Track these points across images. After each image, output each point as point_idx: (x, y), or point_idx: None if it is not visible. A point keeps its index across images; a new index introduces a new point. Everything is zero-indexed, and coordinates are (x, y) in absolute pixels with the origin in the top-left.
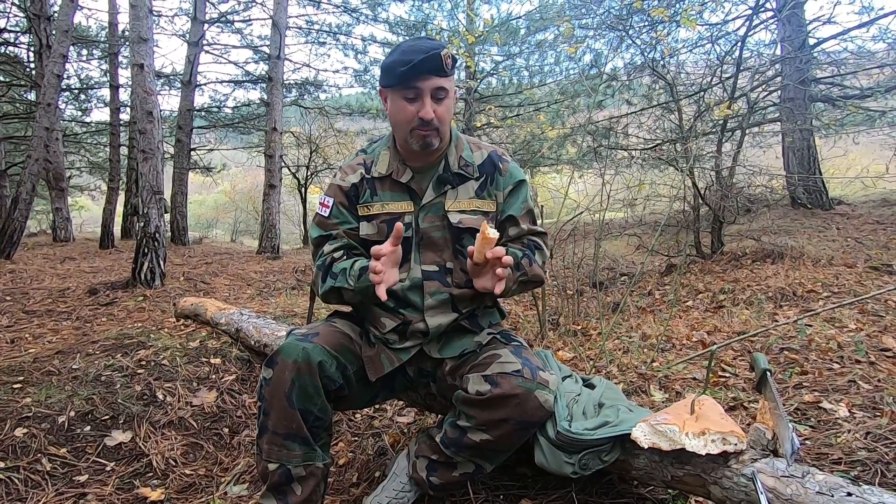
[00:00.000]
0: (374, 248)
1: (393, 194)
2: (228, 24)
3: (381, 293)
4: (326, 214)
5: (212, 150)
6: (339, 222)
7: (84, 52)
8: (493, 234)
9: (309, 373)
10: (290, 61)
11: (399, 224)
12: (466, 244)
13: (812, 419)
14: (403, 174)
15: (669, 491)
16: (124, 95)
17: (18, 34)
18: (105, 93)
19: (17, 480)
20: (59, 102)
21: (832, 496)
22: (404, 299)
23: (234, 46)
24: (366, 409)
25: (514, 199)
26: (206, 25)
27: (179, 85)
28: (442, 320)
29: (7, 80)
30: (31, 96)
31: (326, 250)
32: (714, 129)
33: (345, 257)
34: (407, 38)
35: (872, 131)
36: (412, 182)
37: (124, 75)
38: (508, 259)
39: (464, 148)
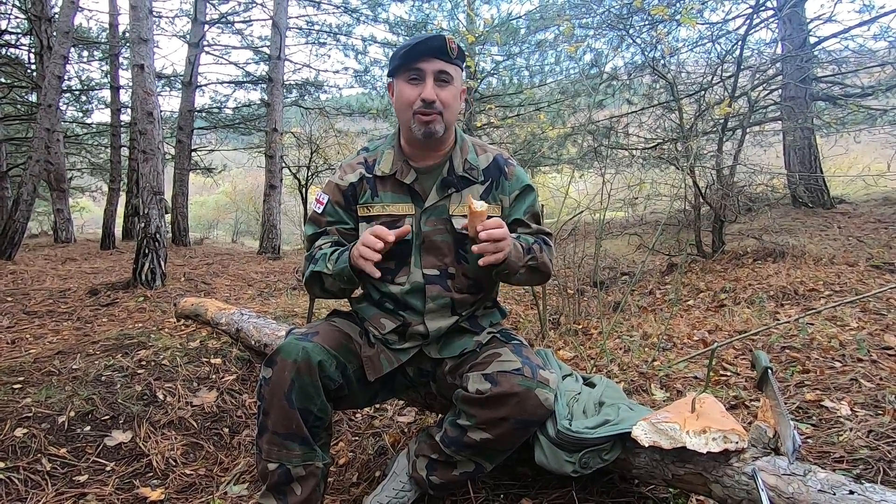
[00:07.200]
0: (381, 232)
1: (394, 195)
2: (229, 25)
3: (373, 270)
4: (320, 211)
5: (212, 150)
6: (333, 221)
7: (85, 53)
8: (480, 206)
9: (308, 372)
10: (291, 62)
11: (407, 227)
12: (469, 250)
13: (814, 417)
14: (407, 175)
15: (670, 490)
16: (125, 96)
17: (19, 36)
18: (106, 94)
19: (17, 480)
20: (60, 104)
21: (834, 494)
22: (404, 302)
23: (235, 47)
24: (366, 409)
25: (521, 203)
26: (206, 26)
27: (180, 86)
28: (442, 323)
29: (8, 81)
30: (33, 98)
31: (317, 244)
32: (715, 129)
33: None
34: (408, 38)
35: (873, 130)
36: (415, 183)
37: (125, 76)
38: (501, 232)
39: (469, 151)
